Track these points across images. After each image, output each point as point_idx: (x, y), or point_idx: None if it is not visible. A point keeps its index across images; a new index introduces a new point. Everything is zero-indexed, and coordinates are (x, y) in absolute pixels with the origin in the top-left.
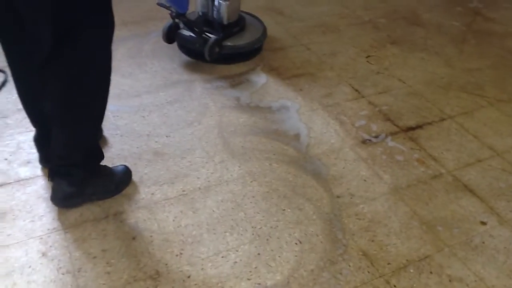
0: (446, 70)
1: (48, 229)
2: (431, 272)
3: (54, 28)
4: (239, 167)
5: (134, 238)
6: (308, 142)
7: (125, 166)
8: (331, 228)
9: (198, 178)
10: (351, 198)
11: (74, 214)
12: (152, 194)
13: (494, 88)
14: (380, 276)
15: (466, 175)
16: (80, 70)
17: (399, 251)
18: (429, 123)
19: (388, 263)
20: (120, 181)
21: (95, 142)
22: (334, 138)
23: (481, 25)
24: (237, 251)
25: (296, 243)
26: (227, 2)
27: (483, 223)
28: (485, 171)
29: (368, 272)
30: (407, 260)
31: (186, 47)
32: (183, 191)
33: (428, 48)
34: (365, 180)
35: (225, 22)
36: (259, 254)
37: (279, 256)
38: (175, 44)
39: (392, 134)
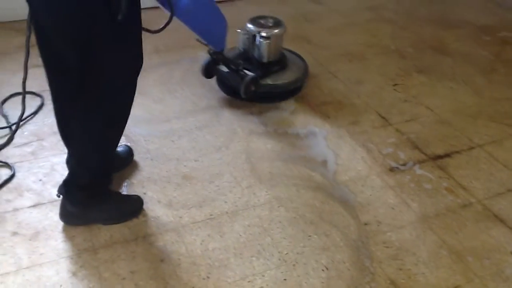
0: (475, 99)
1: (79, 250)
2: None
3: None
4: (266, 192)
5: (162, 261)
6: (335, 168)
7: (137, 196)
8: (359, 255)
9: (225, 202)
10: (378, 225)
11: (104, 235)
12: (180, 217)
13: None
14: None
15: (497, 205)
16: (96, 94)
17: (428, 281)
18: (458, 152)
19: None
20: (126, 211)
21: (101, 168)
22: (361, 165)
23: (510, 55)
24: (263, 276)
25: (322, 270)
26: (268, 41)
27: None
28: None
29: None
30: None
31: (224, 83)
32: (211, 215)
33: (456, 77)
34: (392, 208)
35: (264, 60)
36: (285, 279)
37: (305, 283)
38: None
39: (420, 162)
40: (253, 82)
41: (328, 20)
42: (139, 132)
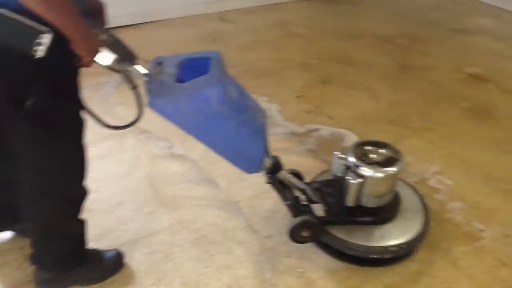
0: (374, 104)
1: None
2: None
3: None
4: (169, 216)
5: None
6: (239, 185)
7: (117, 252)
8: (261, 269)
9: (126, 231)
10: (280, 237)
11: None
12: None
13: (418, 118)
14: None
15: None
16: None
17: (326, 285)
18: None
19: None
20: (107, 269)
21: (70, 245)
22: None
23: (407, 60)
24: None
25: None
26: (357, 181)
27: None
28: None
29: None
30: None
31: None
32: (110, 246)
33: (357, 85)
34: None
35: (348, 203)
36: None
37: None
38: (106, 98)
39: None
40: (308, 227)
41: (237, 39)
42: None
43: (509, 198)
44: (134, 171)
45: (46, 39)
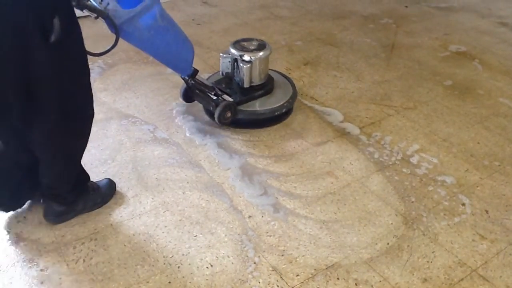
0: (357, 84)
1: None
2: (338, 278)
3: None
4: (152, 199)
5: (42, 283)
6: (221, 167)
7: (108, 179)
8: (243, 248)
9: (110, 215)
10: (262, 217)
11: None
12: (63, 236)
13: (401, 97)
14: None
15: (374, 181)
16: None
17: (307, 262)
18: (339, 137)
19: (297, 275)
20: (106, 193)
21: (80, 169)
22: (249, 161)
23: (391, 39)
24: (148, 282)
25: (207, 267)
26: (248, 65)
27: (389, 225)
28: (391, 176)
29: (277, 286)
30: (315, 269)
31: (207, 109)
32: (95, 229)
33: (340, 66)
34: (276, 197)
35: (245, 85)
36: (170, 282)
37: (190, 282)
38: None
39: (304, 150)
40: (229, 108)
41: (220, 22)
42: None
43: (490, 174)
44: (117, 156)
45: None
